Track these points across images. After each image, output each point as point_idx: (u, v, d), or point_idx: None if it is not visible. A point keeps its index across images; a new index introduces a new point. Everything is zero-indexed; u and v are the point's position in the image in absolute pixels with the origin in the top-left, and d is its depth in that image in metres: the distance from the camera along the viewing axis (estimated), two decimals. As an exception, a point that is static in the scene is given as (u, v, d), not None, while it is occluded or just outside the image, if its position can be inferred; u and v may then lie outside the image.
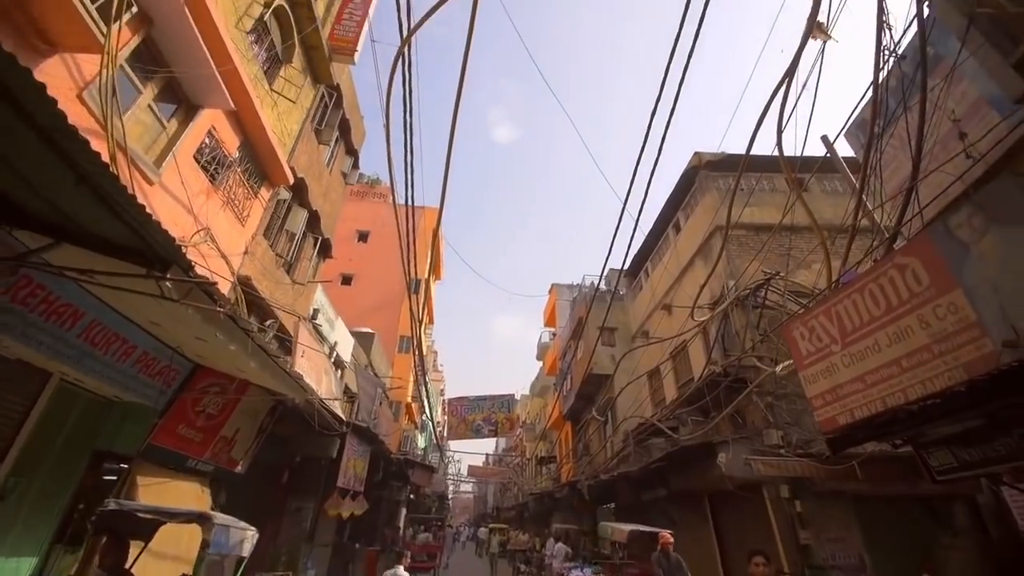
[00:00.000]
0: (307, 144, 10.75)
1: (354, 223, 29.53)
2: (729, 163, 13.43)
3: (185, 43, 5.49)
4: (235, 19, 7.31)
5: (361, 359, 16.36)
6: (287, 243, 10.75)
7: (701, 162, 14.25)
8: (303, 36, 9.72)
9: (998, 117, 4.86)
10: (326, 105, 11.97)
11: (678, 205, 15.54)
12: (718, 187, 13.66)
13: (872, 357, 3.90)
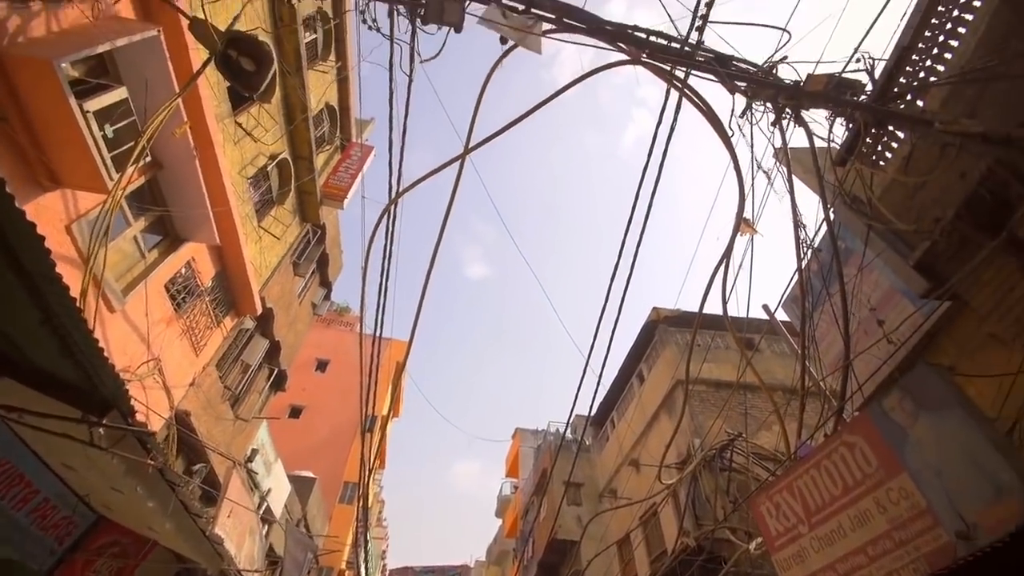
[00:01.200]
0: (283, 276, 11.00)
1: (315, 350, 28.63)
2: (685, 320, 14.35)
3: (187, 186, 5.92)
4: (239, 167, 8.02)
5: (295, 510, 14.53)
6: (240, 374, 10.28)
7: (660, 317, 15.18)
8: (299, 185, 10.62)
9: (911, 305, 5.55)
10: (309, 241, 12.58)
11: (640, 356, 16.06)
12: (676, 341, 14.37)
13: (840, 543, 3.82)
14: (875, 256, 5.54)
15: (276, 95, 8.86)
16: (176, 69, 4.75)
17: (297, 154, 10.29)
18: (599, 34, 4.36)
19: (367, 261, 5.81)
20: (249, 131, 8.21)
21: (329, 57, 10.97)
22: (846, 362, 4.82)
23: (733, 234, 5.49)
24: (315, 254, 12.86)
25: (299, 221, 11.42)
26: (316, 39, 10.29)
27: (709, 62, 4.51)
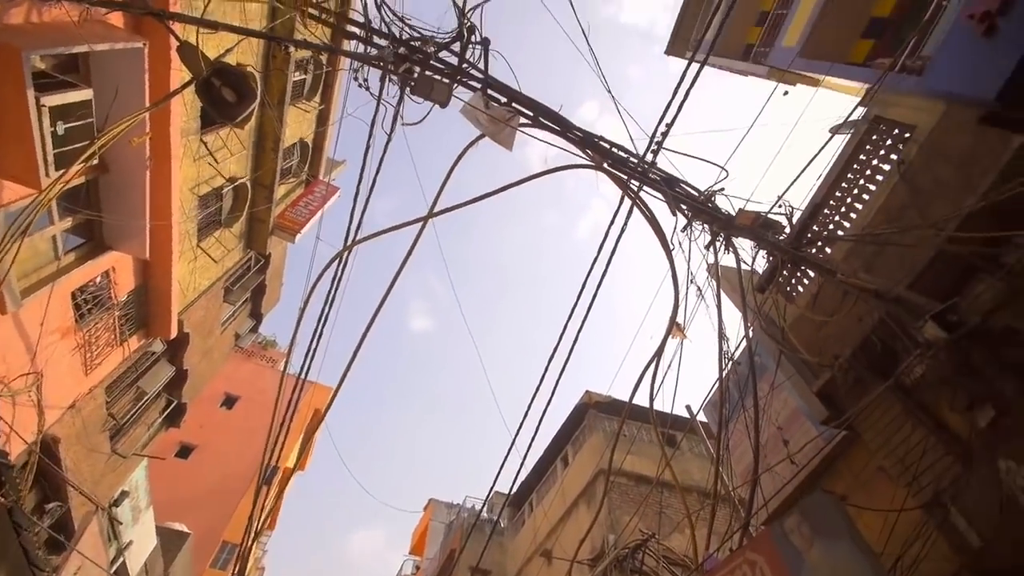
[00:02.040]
0: (210, 300, 10.33)
1: (226, 383, 25.97)
2: (615, 407, 14.59)
3: (130, 194, 5.64)
4: (193, 184, 7.76)
5: (155, 570, 12.51)
6: (131, 402, 9.23)
7: (591, 401, 15.35)
8: (252, 211, 10.35)
9: (813, 429, 6.00)
10: (249, 268, 12.03)
11: (568, 438, 15.96)
12: (604, 428, 14.48)
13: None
14: (785, 379, 6.03)
15: (251, 123, 8.86)
16: (152, 83, 4.70)
17: (258, 181, 10.12)
18: (569, 137, 4.80)
19: (307, 302, 5.64)
20: (213, 151, 8.06)
21: (314, 98, 11.22)
22: (754, 476, 5.06)
23: (665, 335, 5.84)
24: (252, 283, 12.26)
25: (243, 247, 10.97)
26: (305, 80, 10.55)
27: (659, 181, 5.04)
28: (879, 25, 7.03)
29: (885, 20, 6.95)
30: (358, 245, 5.51)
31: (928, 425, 4.17)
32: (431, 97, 4.55)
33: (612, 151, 4.90)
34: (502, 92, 4.63)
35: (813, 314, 4.95)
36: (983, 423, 3.47)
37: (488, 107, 4.63)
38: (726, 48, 10.37)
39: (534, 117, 4.77)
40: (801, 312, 5.37)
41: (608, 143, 4.93)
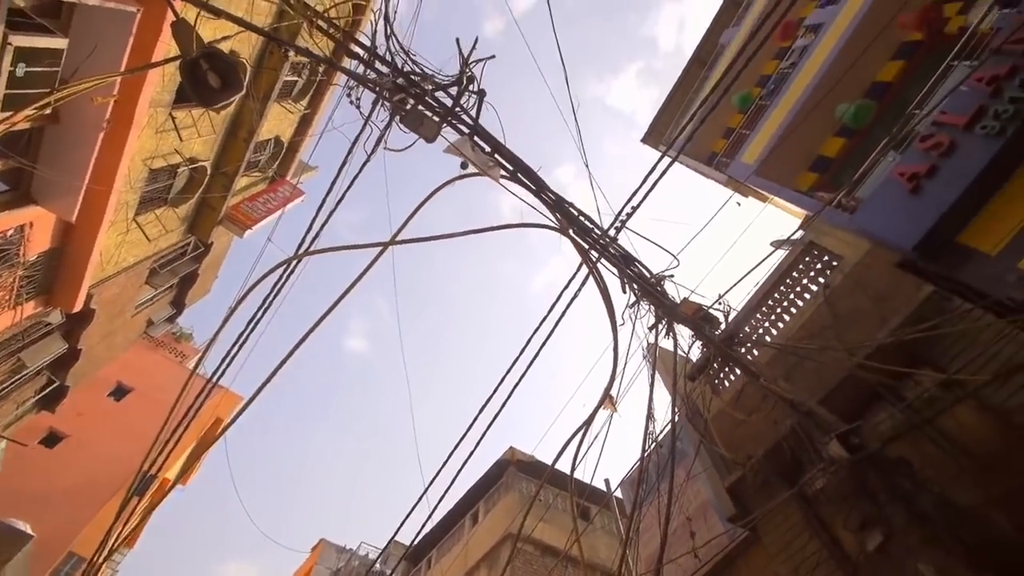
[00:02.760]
0: (130, 279, 9.52)
1: (121, 371, 23.38)
2: (536, 469, 14.34)
3: (75, 151, 5.24)
4: (149, 155, 7.34)
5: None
6: (6, 374, 8.14)
7: (513, 458, 15.03)
8: (206, 196, 9.86)
9: (720, 525, 6.14)
10: (184, 253, 11.27)
11: (483, 493, 15.41)
12: (521, 490, 14.12)
13: None
14: (702, 469, 6.21)
15: (229, 109, 8.62)
16: (134, 49, 4.53)
17: (220, 168, 9.73)
18: (542, 198, 4.99)
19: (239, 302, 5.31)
20: (180, 127, 7.73)
21: (302, 101, 11.12)
22: (658, 565, 5.07)
23: (597, 406, 5.92)
24: (184, 270, 11.46)
25: (184, 230, 10.33)
26: (297, 82, 10.50)
27: (617, 257, 5.29)
28: (824, 163, 7.96)
29: (830, 159, 7.89)
30: (310, 256, 5.34)
31: (823, 539, 4.37)
32: (419, 131, 4.64)
33: (579, 219, 5.12)
34: (487, 141, 4.79)
35: (734, 411, 5.20)
36: (871, 547, 3.69)
37: (472, 151, 4.76)
38: (694, 151, 11.35)
39: (513, 172, 4.94)
40: (724, 407, 5.63)
41: (577, 211, 5.16)
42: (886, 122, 6.84)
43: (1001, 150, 4.34)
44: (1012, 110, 4.30)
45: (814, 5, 9.12)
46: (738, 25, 12.35)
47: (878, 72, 7.37)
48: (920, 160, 4.94)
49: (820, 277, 6.38)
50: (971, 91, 4.69)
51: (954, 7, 6.48)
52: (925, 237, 4.73)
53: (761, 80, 10.20)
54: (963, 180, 4.56)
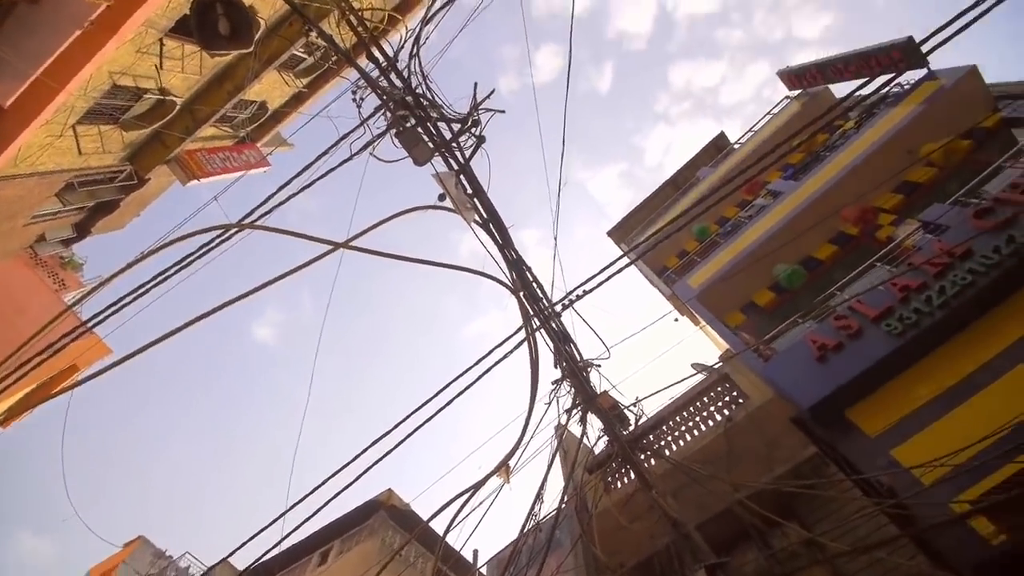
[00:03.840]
0: (36, 185, 8.46)
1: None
2: (408, 520, 13.43)
3: (36, 38, 4.77)
4: (118, 69, 6.81)
5: None
6: None
7: (388, 501, 14.02)
8: (163, 131, 9.19)
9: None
10: (112, 179, 10.25)
11: (343, 531, 14.13)
12: (384, 539, 13.11)
13: None
14: (573, 566, 6.11)
15: (226, 58, 8.28)
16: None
17: (190, 108, 9.16)
18: (504, 253, 5.07)
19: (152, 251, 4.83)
20: (165, 55, 7.29)
21: (303, 79, 10.92)
22: (500, 654, 4.79)
23: (491, 473, 5.77)
24: (104, 196, 10.38)
25: (124, 157, 9.49)
26: (305, 60, 10.35)
27: (556, 332, 5.39)
28: (754, 309, 8.74)
29: (759, 307, 8.68)
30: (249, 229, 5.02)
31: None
32: (411, 151, 4.66)
33: (532, 285, 5.23)
34: (471, 184, 4.89)
35: (620, 514, 5.24)
36: None
37: (455, 188, 4.82)
38: (650, 259, 12.15)
39: (486, 221, 5.02)
40: (611, 507, 5.66)
41: (532, 277, 5.27)
42: (811, 291, 7.69)
43: (897, 349, 4.98)
44: (914, 319, 4.99)
45: (780, 175, 10.39)
46: (714, 167, 13.78)
47: (815, 249, 8.37)
48: (831, 335, 5.55)
49: (726, 409, 6.79)
50: (886, 291, 5.42)
51: (888, 218, 7.60)
52: (820, 402, 5.22)
53: (720, 220, 11.28)
54: (862, 364, 5.14)
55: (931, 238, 5.83)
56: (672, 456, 6.14)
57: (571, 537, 6.96)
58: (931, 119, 7.55)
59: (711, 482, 5.34)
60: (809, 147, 10.19)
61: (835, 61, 9.40)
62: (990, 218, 5.11)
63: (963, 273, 4.90)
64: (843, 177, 8.07)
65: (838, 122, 10.04)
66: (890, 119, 8.16)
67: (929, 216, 6.16)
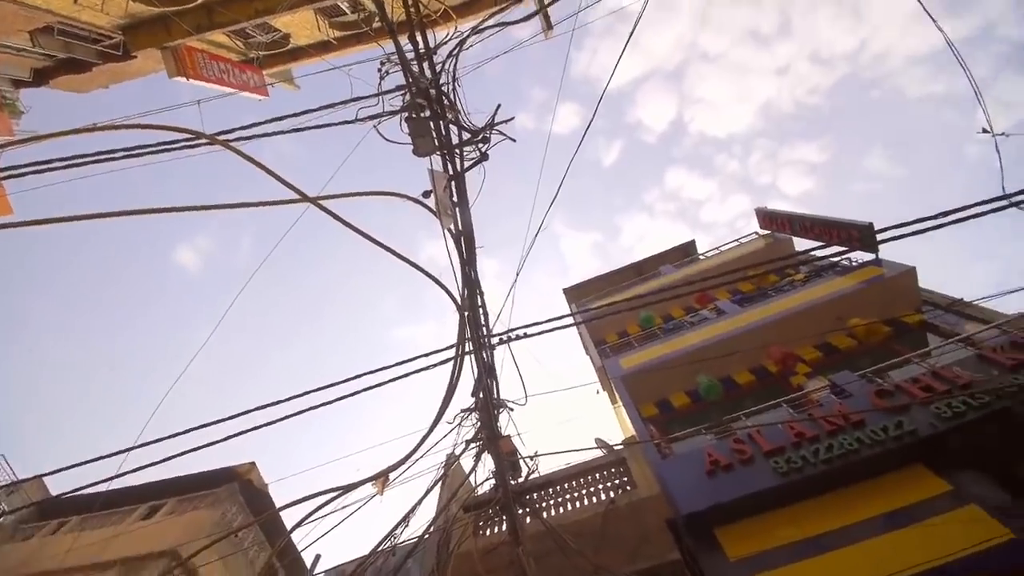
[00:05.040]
0: (16, 16, 7.68)
1: None
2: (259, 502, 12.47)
3: None
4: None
5: None
6: None
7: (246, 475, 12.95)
8: (173, 17, 8.69)
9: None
10: (96, 41, 9.48)
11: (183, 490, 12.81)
12: (226, 513, 12.00)
13: None
14: (413, 597, 5.84)
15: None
16: None
17: (210, 7, 8.76)
18: (464, 271, 5.06)
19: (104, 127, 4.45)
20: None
21: (333, 32, 10.74)
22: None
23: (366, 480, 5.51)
24: (80, 53, 9.55)
25: (118, 25, 8.85)
26: (342, 15, 10.24)
27: (485, 363, 5.37)
28: (667, 407, 9.11)
29: (672, 407, 9.06)
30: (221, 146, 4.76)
31: None
32: (415, 140, 4.64)
33: (478, 311, 5.23)
34: (459, 194, 4.91)
35: (479, 560, 5.12)
36: None
37: (443, 190, 4.82)
38: (592, 328, 12.50)
39: (458, 233, 5.03)
40: (473, 552, 5.53)
41: (481, 303, 5.28)
42: (721, 409, 8.15)
43: (777, 486, 5.32)
44: (799, 464, 5.38)
45: (729, 297, 11.15)
46: (676, 268, 14.62)
47: (737, 372, 8.94)
48: (726, 454, 5.87)
49: (612, 492, 6.93)
50: (783, 432, 5.83)
51: (805, 368, 8.28)
52: (697, 513, 5.44)
53: (666, 316, 11.88)
54: (743, 489, 5.45)
55: (834, 399, 6.39)
56: (548, 520, 6.13)
57: (422, 570, 6.69)
58: (864, 298, 8.44)
59: (576, 557, 5.36)
60: (760, 282, 11.05)
61: (805, 219, 10.41)
62: (888, 400, 5.69)
63: (852, 439, 5.38)
64: (779, 319, 8.77)
65: (790, 271, 11.00)
66: (832, 285, 9.05)
67: (838, 380, 6.77)
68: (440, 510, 6.43)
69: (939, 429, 5.15)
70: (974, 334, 6.89)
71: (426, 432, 5.29)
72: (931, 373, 5.81)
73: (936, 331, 7.97)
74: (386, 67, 5.28)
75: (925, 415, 5.32)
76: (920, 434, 5.19)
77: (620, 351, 10.69)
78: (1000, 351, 5.79)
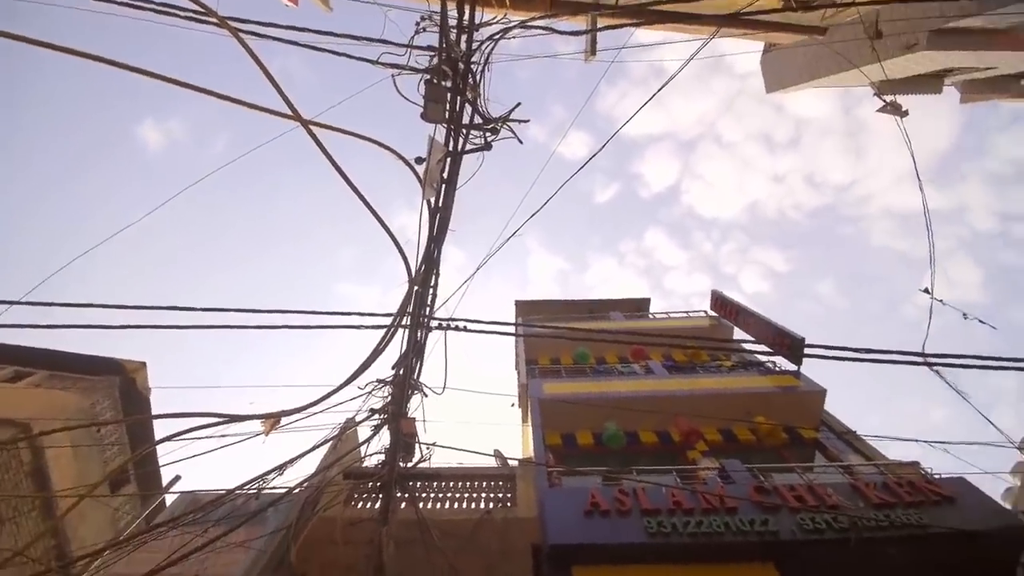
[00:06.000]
0: None
1: None
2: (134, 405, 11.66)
3: None
4: None
5: None
6: None
7: (131, 372, 12.10)
8: None
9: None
10: None
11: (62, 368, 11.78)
12: (95, 405, 11.17)
13: None
14: (259, 547, 5.63)
15: None
16: None
17: None
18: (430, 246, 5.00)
19: None
20: None
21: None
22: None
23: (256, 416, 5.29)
24: None
25: None
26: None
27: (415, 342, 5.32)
28: (571, 441, 9.33)
29: (575, 443, 9.30)
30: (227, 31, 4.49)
31: None
32: (427, 104, 4.56)
33: (427, 290, 5.17)
34: (450, 171, 4.86)
35: (340, 529, 5.02)
36: None
37: (436, 164, 4.76)
38: (528, 346, 12.67)
39: (435, 208, 4.97)
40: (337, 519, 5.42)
41: (433, 285, 5.22)
42: (618, 459, 8.46)
43: (643, 544, 5.57)
44: (668, 530, 5.66)
45: (661, 359, 11.62)
46: (625, 318, 15.11)
47: (643, 430, 9.30)
48: (608, 500, 6.09)
49: (492, 503, 7.00)
50: (665, 496, 6.12)
51: (703, 446, 8.73)
52: (563, 546, 5.60)
53: (600, 359, 12.22)
54: (612, 538, 5.66)
55: (718, 481, 6.79)
56: (422, 510, 6.10)
57: (278, 522, 6.45)
58: (774, 401, 9.04)
59: (436, 553, 5.36)
60: (693, 356, 11.60)
61: (751, 314, 11.06)
62: (763, 497, 6.10)
63: (721, 522, 5.72)
64: (696, 395, 9.24)
65: (722, 355, 11.62)
66: (751, 380, 9.64)
67: (728, 465, 7.20)
68: (319, 469, 6.26)
69: (797, 537, 5.57)
70: (854, 465, 7.54)
71: (334, 388, 5.16)
72: (807, 486, 6.29)
73: (824, 451, 8.64)
74: (424, 24, 5.18)
75: (789, 521, 5.74)
76: (780, 536, 5.60)
77: (547, 376, 10.87)
78: (871, 487, 6.36)
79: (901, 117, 5.52)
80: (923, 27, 7.38)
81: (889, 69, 8.68)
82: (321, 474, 6.13)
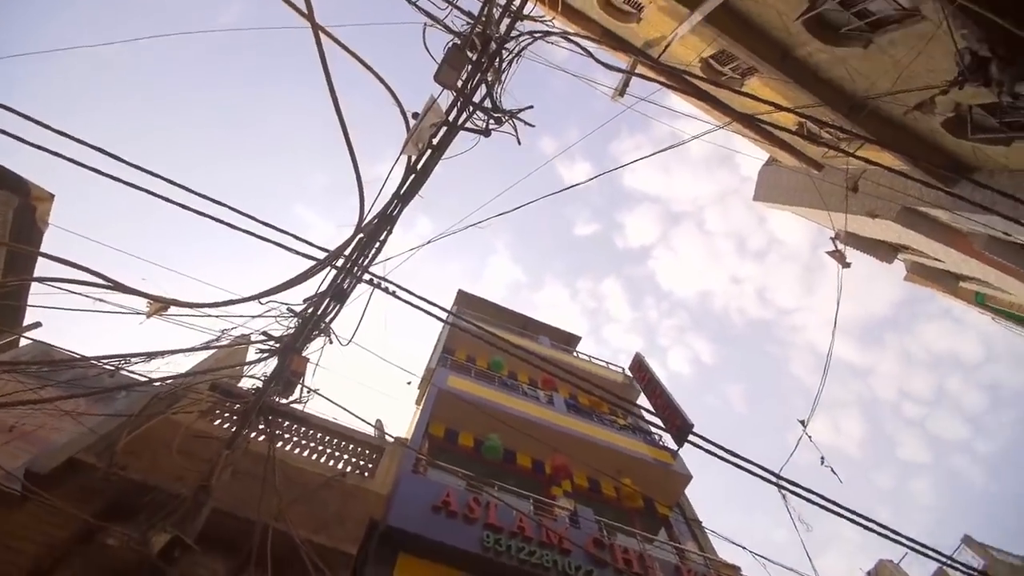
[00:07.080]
0: None
1: None
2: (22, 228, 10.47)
3: None
4: None
5: None
6: None
7: (36, 199, 10.90)
8: None
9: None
10: None
11: None
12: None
13: None
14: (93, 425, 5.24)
15: None
16: None
17: None
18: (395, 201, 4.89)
19: None
20: None
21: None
22: None
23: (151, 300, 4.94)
24: None
25: None
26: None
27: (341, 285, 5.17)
28: (453, 437, 9.38)
29: (457, 441, 9.35)
30: None
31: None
32: (443, 64, 4.48)
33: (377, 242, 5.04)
34: (440, 139, 4.78)
35: (181, 436, 4.74)
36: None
37: (430, 126, 4.66)
38: (451, 336, 12.62)
39: (412, 166, 4.86)
40: (184, 425, 5.13)
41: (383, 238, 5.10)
42: (489, 469, 8.60)
43: (473, 554, 5.68)
44: (501, 549, 5.79)
45: (567, 395, 11.93)
46: (549, 346, 15.44)
47: (522, 452, 9.50)
48: (460, 503, 6.15)
49: (350, 467, 6.90)
50: (514, 518, 6.27)
51: (569, 486, 9.02)
52: (397, 530, 5.59)
53: (512, 374, 12.41)
54: (447, 539, 5.73)
55: (566, 522, 7.06)
56: (277, 450, 5.90)
57: (123, 408, 6.01)
58: (645, 470, 9.54)
59: (271, 494, 5.18)
60: (595, 404, 12.01)
61: (659, 386, 11.62)
62: (596, 550, 6.40)
63: (551, 559, 5.94)
64: (581, 439, 9.58)
65: (618, 413, 12.11)
66: (633, 444, 10.12)
67: (581, 511, 7.50)
68: (189, 372, 5.91)
69: (612, 596, 5.87)
70: (688, 551, 8.06)
71: (238, 299, 4.91)
72: (639, 555, 6.65)
73: (668, 530, 9.19)
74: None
75: (611, 580, 6.05)
76: (597, 591, 5.88)
77: (456, 370, 10.88)
78: (691, 574, 6.82)
79: (843, 267, 6.02)
80: (899, 199, 8.08)
81: (852, 224, 9.45)
82: (189, 378, 5.80)
